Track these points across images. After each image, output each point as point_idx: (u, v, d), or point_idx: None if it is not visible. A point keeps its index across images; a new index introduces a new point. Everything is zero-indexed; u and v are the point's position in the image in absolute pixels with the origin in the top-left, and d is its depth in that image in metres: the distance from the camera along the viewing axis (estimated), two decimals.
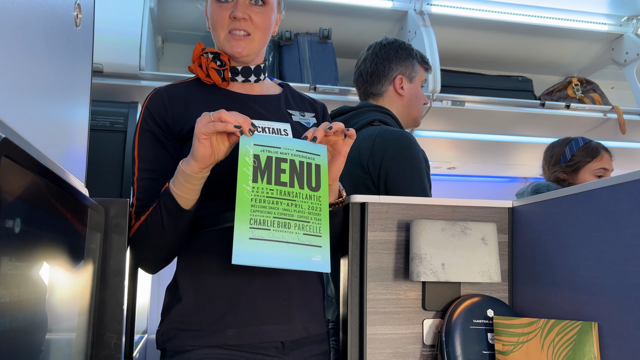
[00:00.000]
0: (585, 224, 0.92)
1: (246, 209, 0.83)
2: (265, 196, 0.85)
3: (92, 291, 0.88)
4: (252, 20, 1.05)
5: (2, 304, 0.48)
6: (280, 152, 0.89)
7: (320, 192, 0.90)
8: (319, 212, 0.88)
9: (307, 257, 0.84)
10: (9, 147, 0.48)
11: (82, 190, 0.86)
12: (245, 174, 0.85)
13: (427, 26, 2.17)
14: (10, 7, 0.57)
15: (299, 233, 0.85)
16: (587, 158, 1.87)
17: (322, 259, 0.85)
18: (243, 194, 0.83)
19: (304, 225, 0.86)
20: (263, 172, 0.86)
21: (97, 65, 1.78)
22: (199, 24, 2.24)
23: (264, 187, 0.85)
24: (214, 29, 1.08)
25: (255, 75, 1.12)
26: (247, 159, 0.86)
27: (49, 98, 0.73)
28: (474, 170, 3.02)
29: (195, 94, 1.08)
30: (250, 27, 1.05)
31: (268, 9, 1.07)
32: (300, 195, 0.88)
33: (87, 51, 0.98)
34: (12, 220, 0.50)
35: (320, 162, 0.92)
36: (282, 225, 0.84)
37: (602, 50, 2.55)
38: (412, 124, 1.62)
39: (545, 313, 1.00)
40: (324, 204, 0.89)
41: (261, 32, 1.07)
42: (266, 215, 0.84)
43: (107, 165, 1.66)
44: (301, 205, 0.87)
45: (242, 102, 1.09)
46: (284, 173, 0.88)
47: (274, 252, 0.82)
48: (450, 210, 1.10)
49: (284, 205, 0.86)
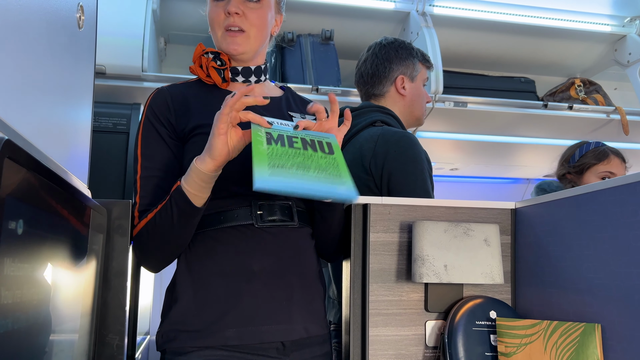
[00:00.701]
0: (588, 225, 0.92)
1: (263, 158, 0.80)
2: (281, 153, 0.83)
3: (95, 292, 0.88)
4: (246, 16, 1.05)
5: (5, 306, 0.48)
6: (291, 133, 0.89)
7: (335, 155, 0.88)
8: (337, 166, 0.86)
9: (331, 186, 0.81)
10: (11, 149, 0.49)
11: (84, 192, 0.86)
12: (259, 140, 0.84)
13: (429, 27, 2.17)
14: (13, 9, 0.58)
15: (320, 174, 0.82)
16: (594, 160, 1.86)
17: (346, 188, 0.82)
18: (259, 150, 0.81)
19: (323, 171, 0.83)
20: (277, 141, 0.86)
21: (100, 66, 1.78)
22: (201, 26, 2.24)
23: (278, 148, 0.84)
24: (212, 28, 1.09)
25: (256, 75, 1.12)
26: (260, 133, 0.86)
27: (51, 99, 0.74)
28: (477, 172, 3.01)
29: (197, 93, 1.09)
30: (244, 24, 1.05)
31: (263, 5, 1.07)
32: (316, 156, 0.86)
33: (90, 53, 0.98)
34: (15, 222, 0.50)
35: (331, 141, 0.91)
36: (302, 168, 0.82)
37: (605, 51, 2.54)
38: (415, 124, 1.61)
39: (548, 315, 1.00)
40: (341, 161, 0.87)
41: (256, 29, 1.07)
42: (285, 162, 0.81)
43: (109, 166, 1.66)
44: (318, 161, 0.85)
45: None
46: (297, 143, 0.87)
47: (297, 181, 0.78)
48: (452, 212, 1.10)
49: (301, 159, 0.84)
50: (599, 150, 1.88)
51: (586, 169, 1.86)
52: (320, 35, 2.21)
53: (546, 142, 2.51)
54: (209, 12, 1.09)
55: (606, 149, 1.88)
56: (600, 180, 1.83)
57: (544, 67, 2.64)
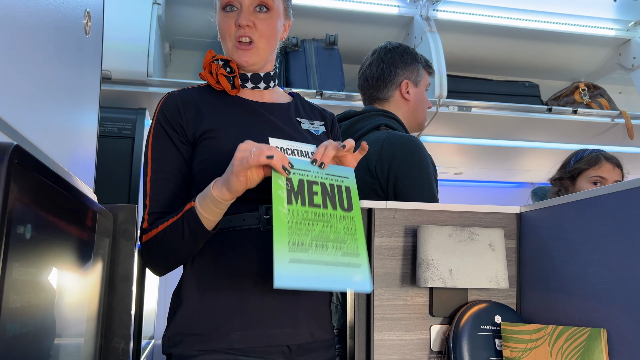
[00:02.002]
0: (593, 229, 0.92)
1: (284, 231, 0.83)
2: (301, 218, 0.85)
3: (100, 297, 0.88)
4: (256, 27, 1.06)
5: (13, 309, 0.48)
6: (311, 175, 0.90)
7: (353, 213, 0.91)
8: (355, 232, 0.89)
9: (347, 277, 0.84)
10: (20, 154, 0.49)
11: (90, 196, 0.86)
12: (280, 197, 0.85)
13: (433, 32, 2.18)
14: (22, 16, 0.58)
15: (337, 254, 0.85)
16: (585, 165, 1.89)
17: (362, 278, 0.84)
18: (279, 216, 0.83)
19: (341, 245, 0.86)
20: (297, 195, 0.87)
21: (106, 72, 1.79)
22: (206, 31, 2.25)
23: (298, 209, 0.86)
24: (222, 38, 1.10)
25: (265, 82, 1.13)
26: (281, 182, 0.86)
27: (58, 104, 0.74)
28: (481, 176, 3.01)
29: (207, 99, 1.09)
30: (254, 34, 1.06)
31: (273, 14, 1.08)
32: (335, 217, 0.88)
33: (97, 58, 0.99)
34: (23, 226, 0.50)
35: (349, 184, 0.94)
36: (320, 247, 0.84)
37: (610, 55, 2.54)
38: (418, 129, 1.62)
39: (554, 319, 1.00)
40: (359, 224, 0.90)
41: (265, 39, 1.08)
42: (304, 237, 0.84)
43: (115, 171, 1.67)
44: (336, 226, 0.87)
45: (252, 109, 1.10)
46: (317, 195, 0.89)
47: (314, 273, 0.82)
48: (457, 216, 1.10)
49: (320, 226, 0.86)
50: (592, 155, 1.91)
51: (577, 175, 1.90)
52: (325, 40, 2.21)
53: (550, 147, 2.51)
54: (219, 23, 1.09)
55: (599, 155, 1.90)
56: (591, 185, 1.86)
57: (548, 71, 2.64)
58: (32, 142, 0.62)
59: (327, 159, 0.92)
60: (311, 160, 0.92)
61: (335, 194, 0.91)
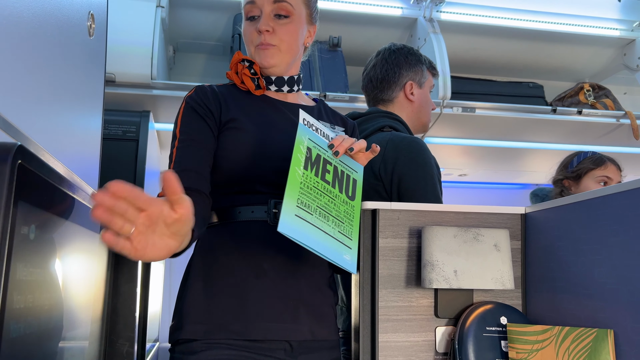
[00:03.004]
0: (599, 229, 0.91)
1: (295, 189, 0.87)
2: (312, 185, 0.90)
3: (105, 299, 0.88)
4: (276, 32, 1.09)
5: (17, 310, 0.48)
6: (328, 156, 0.97)
7: (355, 202, 0.96)
8: (352, 219, 0.94)
9: (339, 252, 0.88)
10: (24, 154, 0.49)
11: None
12: (299, 160, 0.90)
13: (436, 33, 2.17)
14: (26, 18, 0.58)
15: (335, 229, 0.90)
16: (592, 165, 1.93)
17: (351, 259, 0.89)
18: (295, 176, 0.88)
19: (339, 224, 0.91)
20: (313, 165, 0.92)
21: (110, 74, 1.80)
22: (210, 34, 2.26)
23: (312, 176, 0.91)
24: (246, 44, 1.13)
25: (289, 85, 1.15)
26: (302, 147, 0.92)
27: (63, 107, 0.74)
28: (486, 177, 3.00)
29: (233, 94, 1.13)
30: (274, 39, 1.09)
31: (294, 20, 1.11)
32: (339, 198, 0.94)
33: (100, 61, 0.99)
34: (27, 227, 0.50)
35: (357, 178, 1.00)
36: (322, 216, 0.89)
37: (614, 55, 2.53)
38: (422, 130, 1.62)
39: (560, 320, 0.99)
40: (357, 214, 0.95)
41: (286, 44, 1.10)
42: (311, 202, 0.89)
43: (119, 173, 1.67)
44: (339, 206, 0.93)
45: (275, 107, 1.13)
46: (329, 173, 0.95)
47: (313, 235, 0.86)
48: (462, 217, 1.09)
49: (326, 199, 0.91)
50: (597, 156, 1.95)
51: (584, 174, 1.93)
52: (328, 42, 2.21)
53: (555, 147, 2.50)
54: (244, 30, 1.14)
55: (602, 156, 1.95)
56: (597, 184, 1.89)
57: (553, 72, 2.63)
58: (37, 143, 0.62)
59: (342, 149, 0.97)
60: (328, 144, 0.98)
61: (343, 180, 0.96)
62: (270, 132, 1.07)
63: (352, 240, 0.91)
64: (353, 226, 0.93)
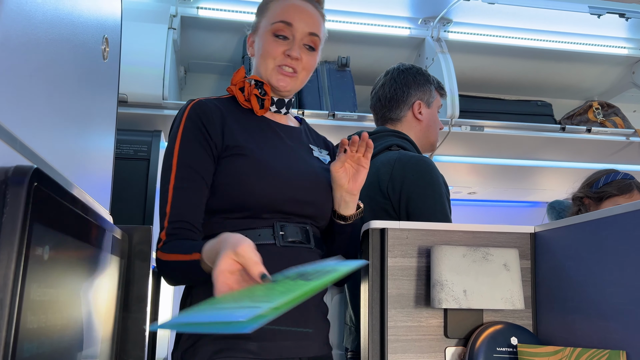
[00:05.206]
0: (610, 249, 0.91)
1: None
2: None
3: (115, 317, 0.89)
4: (301, 61, 1.11)
5: (31, 330, 0.49)
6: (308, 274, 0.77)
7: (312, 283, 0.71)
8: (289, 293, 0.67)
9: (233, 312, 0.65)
10: (39, 177, 0.50)
11: (106, 217, 0.88)
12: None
13: (444, 53, 2.19)
14: (43, 43, 0.60)
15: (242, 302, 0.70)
16: (616, 191, 1.75)
17: (247, 313, 0.61)
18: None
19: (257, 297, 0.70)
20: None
21: (122, 95, 1.83)
22: (220, 55, 2.29)
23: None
24: (263, 58, 1.12)
25: (287, 108, 1.18)
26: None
27: (77, 128, 0.76)
28: (495, 195, 2.98)
29: (232, 112, 1.11)
30: (298, 66, 1.11)
31: (316, 53, 1.15)
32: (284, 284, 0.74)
33: (113, 83, 1.01)
34: (42, 247, 0.51)
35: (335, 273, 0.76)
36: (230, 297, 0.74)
37: (623, 73, 2.53)
38: (429, 149, 1.62)
39: (571, 341, 0.98)
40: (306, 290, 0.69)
41: (306, 72, 1.14)
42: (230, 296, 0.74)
43: (131, 192, 1.69)
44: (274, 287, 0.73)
45: (274, 131, 1.13)
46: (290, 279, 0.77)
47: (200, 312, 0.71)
48: (471, 236, 1.09)
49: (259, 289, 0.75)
50: (624, 182, 1.78)
51: (606, 198, 1.76)
52: (337, 62, 2.24)
53: (565, 166, 2.49)
54: (267, 44, 1.11)
55: (632, 183, 1.78)
56: None
57: (561, 90, 2.63)
58: (51, 164, 0.63)
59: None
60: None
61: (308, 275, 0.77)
62: (275, 161, 1.06)
63: (272, 303, 0.64)
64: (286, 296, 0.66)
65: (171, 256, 0.97)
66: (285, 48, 1.10)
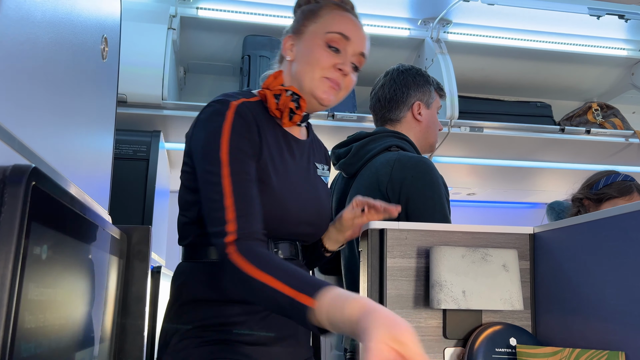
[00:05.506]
0: (609, 250, 0.91)
1: None
2: None
3: (114, 318, 0.89)
4: (347, 78, 1.09)
5: (28, 330, 0.49)
6: None
7: None
8: None
9: None
10: (37, 176, 0.50)
11: (105, 217, 0.88)
12: None
13: (444, 54, 2.19)
14: (43, 43, 0.60)
15: None
16: (615, 193, 1.75)
17: None
18: None
19: None
20: None
21: (121, 95, 1.83)
22: (220, 55, 2.29)
23: None
24: (310, 66, 1.06)
25: (306, 121, 1.14)
26: None
27: (76, 128, 0.76)
28: (494, 196, 2.99)
29: (261, 121, 1.05)
30: (343, 82, 1.08)
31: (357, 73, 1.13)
32: None
33: (112, 83, 1.01)
34: (39, 247, 0.51)
35: None
36: None
37: (622, 75, 2.53)
38: (429, 150, 1.62)
39: (570, 342, 0.98)
40: None
41: (346, 90, 1.11)
42: None
43: (130, 192, 1.69)
44: None
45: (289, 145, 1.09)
46: None
47: None
48: (470, 237, 1.09)
49: None
50: (624, 184, 1.77)
51: (605, 200, 1.76)
52: None
53: (564, 167, 2.49)
54: (317, 52, 1.06)
55: (632, 185, 1.77)
56: None
57: (560, 92, 2.63)
58: (50, 164, 0.63)
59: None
60: None
61: None
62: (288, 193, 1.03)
63: None
64: None
65: (265, 277, 0.83)
66: (337, 61, 1.06)
